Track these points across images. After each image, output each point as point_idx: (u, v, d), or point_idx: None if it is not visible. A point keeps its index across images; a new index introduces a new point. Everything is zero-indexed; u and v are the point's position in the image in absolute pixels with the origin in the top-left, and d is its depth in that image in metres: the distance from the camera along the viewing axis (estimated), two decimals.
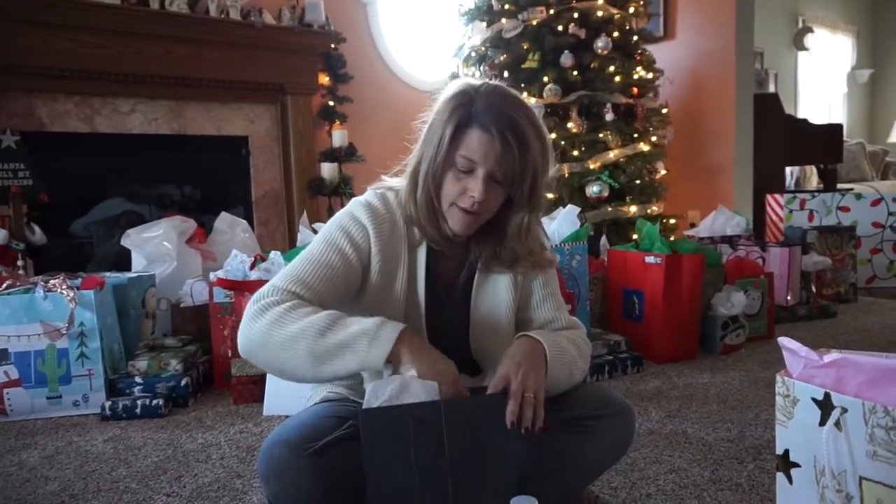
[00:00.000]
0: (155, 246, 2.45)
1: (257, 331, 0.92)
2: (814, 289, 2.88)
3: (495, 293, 1.09)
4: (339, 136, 3.84)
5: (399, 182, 1.08)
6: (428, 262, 1.06)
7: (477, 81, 1.02)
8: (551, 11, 3.28)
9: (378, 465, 0.83)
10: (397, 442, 0.83)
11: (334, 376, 0.92)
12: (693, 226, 3.58)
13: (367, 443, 0.82)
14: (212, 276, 2.10)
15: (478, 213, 1.00)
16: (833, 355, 0.89)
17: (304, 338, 0.89)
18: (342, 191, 3.77)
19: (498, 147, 0.95)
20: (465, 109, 0.97)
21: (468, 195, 0.98)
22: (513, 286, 1.09)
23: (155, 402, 1.81)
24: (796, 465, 0.94)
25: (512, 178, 0.98)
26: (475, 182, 0.97)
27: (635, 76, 3.41)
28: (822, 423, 0.89)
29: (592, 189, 3.17)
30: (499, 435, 0.86)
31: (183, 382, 1.91)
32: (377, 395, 0.85)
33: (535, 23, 3.29)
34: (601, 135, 3.25)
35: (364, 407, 0.85)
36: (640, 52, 3.52)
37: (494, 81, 1.03)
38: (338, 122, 3.89)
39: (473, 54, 3.54)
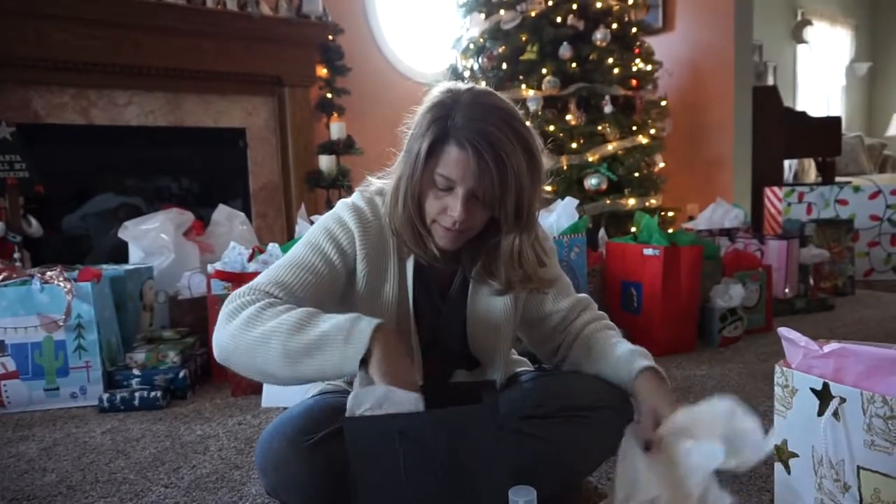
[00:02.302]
0: (152, 238, 2.44)
1: (227, 334, 0.88)
2: (812, 281, 2.88)
3: (492, 293, 1.06)
4: (336, 129, 3.83)
5: (386, 184, 1.04)
6: (418, 270, 1.03)
7: (461, 86, 0.95)
8: (550, 3, 3.27)
9: (364, 473, 0.81)
10: (383, 452, 0.81)
11: (313, 377, 0.87)
12: (691, 218, 3.58)
13: (353, 451, 0.81)
14: (210, 268, 2.09)
15: (461, 230, 0.95)
16: (832, 345, 0.89)
17: (277, 337, 0.84)
18: (340, 183, 3.76)
19: (474, 166, 0.89)
20: (443, 123, 0.91)
21: (448, 214, 0.93)
22: None
23: (153, 394, 1.81)
24: (794, 455, 0.94)
25: (492, 198, 0.92)
26: (455, 201, 0.92)
27: (634, 68, 3.40)
28: (821, 413, 0.89)
29: (591, 181, 3.17)
30: (488, 442, 0.82)
31: (181, 374, 1.90)
32: (360, 402, 0.82)
33: (533, 14, 3.28)
34: (600, 127, 3.25)
35: (347, 415, 0.82)
36: (638, 43, 3.51)
37: (481, 86, 0.97)
38: (336, 115, 3.88)
39: (472, 46, 3.53)
